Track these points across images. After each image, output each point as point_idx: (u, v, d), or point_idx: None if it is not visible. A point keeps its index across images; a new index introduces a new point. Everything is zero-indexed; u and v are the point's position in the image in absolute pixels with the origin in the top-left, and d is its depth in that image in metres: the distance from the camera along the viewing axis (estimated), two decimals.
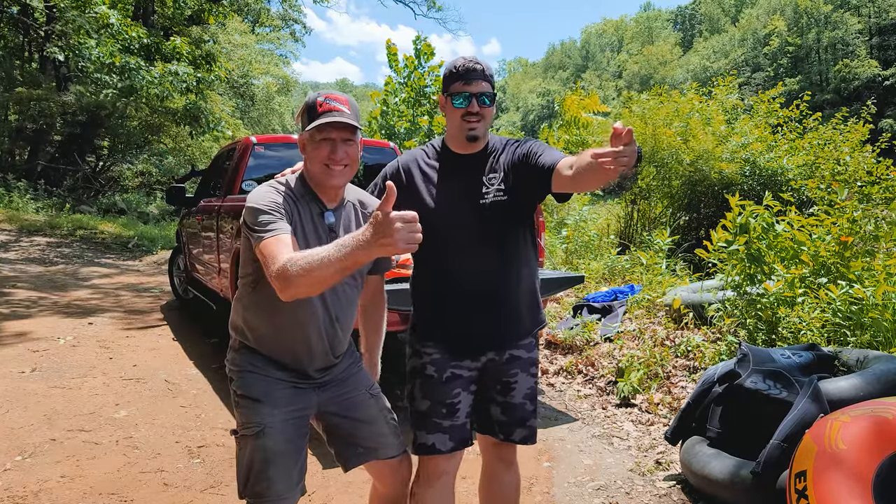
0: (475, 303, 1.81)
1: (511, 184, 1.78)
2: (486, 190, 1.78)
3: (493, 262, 1.80)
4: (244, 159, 4.82)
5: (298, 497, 1.69)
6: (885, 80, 43.95)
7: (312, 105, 1.63)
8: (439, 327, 1.85)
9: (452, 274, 1.81)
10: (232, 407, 3.96)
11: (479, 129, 1.76)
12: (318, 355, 1.72)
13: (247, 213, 1.58)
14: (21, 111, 15.94)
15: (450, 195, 1.79)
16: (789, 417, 2.36)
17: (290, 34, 29.68)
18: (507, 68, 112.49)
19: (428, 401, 1.81)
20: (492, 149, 1.83)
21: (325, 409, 1.77)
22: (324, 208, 1.69)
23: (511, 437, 1.87)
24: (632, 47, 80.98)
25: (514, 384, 1.86)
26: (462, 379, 1.83)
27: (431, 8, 22.70)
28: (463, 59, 1.77)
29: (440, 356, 1.83)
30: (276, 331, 1.68)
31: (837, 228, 4.25)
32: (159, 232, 13.35)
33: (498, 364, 1.86)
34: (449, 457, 1.81)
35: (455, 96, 1.74)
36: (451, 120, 1.79)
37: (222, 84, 18.04)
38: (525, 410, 1.88)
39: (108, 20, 10.16)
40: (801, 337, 3.67)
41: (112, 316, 6.27)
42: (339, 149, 1.62)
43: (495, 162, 1.81)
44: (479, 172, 1.80)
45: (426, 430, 1.80)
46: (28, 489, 2.71)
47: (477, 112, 1.74)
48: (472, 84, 1.72)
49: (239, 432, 1.68)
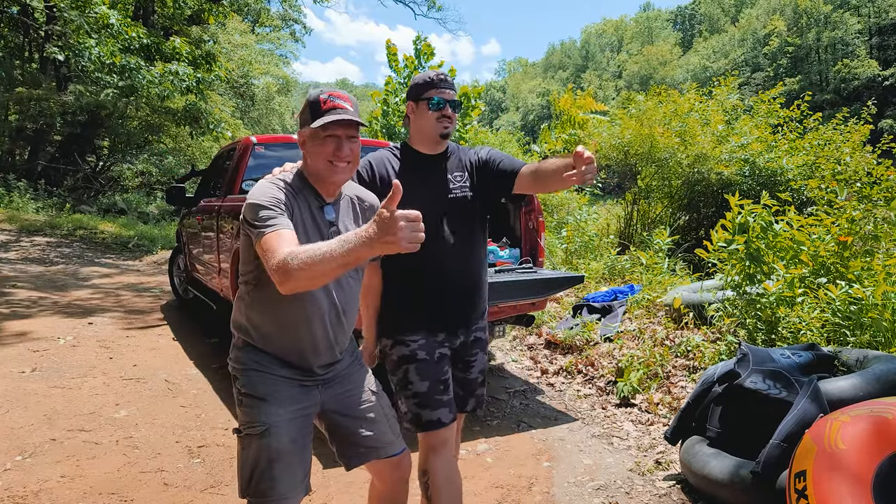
0: (450, 284, 2.04)
1: (475, 182, 2.07)
2: (452, 186, 2.04)
3: (463, 250, 2.05)
4: (244, 159, 4.82)
5: (303, 496, 1.69)
6: (884, 80, 43.96)
7: (316, 102, 1.65)
8: (420, 312, 2.03)
9: (428, 262, 1.97)
10: (232, 406, 3.95)
11: (450, 129, 2.02)
12: (323, 350, 1.72)
13: (247, 209, 1.58)
14: (21, 111, 15.95)
15: (420, 189, 1.94)
16: (789, 417, 2.36)
17: (290, 34, 29.69)
18: (507, 68, 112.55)
19: (427, 381, 1.98)
20: (451, 151, 2.11)
21: (327, 407, 1.77)
22: (323, 203, 1.71)
23: (465, 407, 2.15)
24: (632, 47, 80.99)
25: (474, 362, 2.15)
26: (447, 357, 2.06)
27: (431, 8, 22.69)
28: (434, 73, 2.03)
29: (425, 340, 2.01)
30: (281, 328, 1.68)
31: (837, 228, 4.26)
32: (159, 232, 13.35)
33: (465, 344, 2.12)
34: (450, 427, 2.01)
35: (431, 100, 1.99)
36: (423, 121, 2.02)
37: (222, 84, 18.04)
38: (476, 383, 2.16)
39: (108, 20, 10.15)
40: (800, 337, 3.67)
41: (112, 316, 6.28)
42: (345, 146, 1.65)
43: (458, 162, 2.09)
44: (444, 170, 2.06)
45: (431, 408, 1.97)
46: (28, 489, 2.71)
47: (450, 115, 2.01)
48: (445, 91, 2.00)
49: (243, 431, 1.67)
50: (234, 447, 3.19)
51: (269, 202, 1.56)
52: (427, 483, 1.97)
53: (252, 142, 4.89)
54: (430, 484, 1.96)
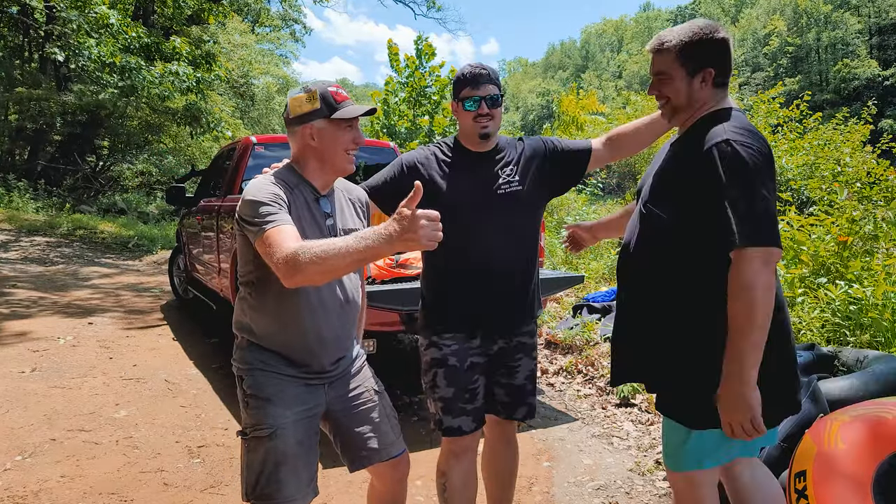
0: (493, 285, 1.95)
1: (527, 175, 1.98)
2: (501, 181, 1.95)
3: (509, 248, 1.96)
4: (244, 159, 4.82)
5: (310, 499, 1.67)
6: (884, 80, 43.97)
7: (326, 94, 1.67)
8: (458, 313, 1.97)
9: (471, 260, 1.93)
10: (232, 406, 3.95)
11: (490, 128, 1.92)
12: (329, 342, 1.71)
13: (244, 206, 1.57)
14: (21, 111, 15.95)
15: (466, 185, 1.94)
16: (788, 417, 2.36)
17: (290, 34, 29.68)
18: (507, 68, 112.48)
19: (452, 388, 1.96)
20: (502, 146, 2.01)
21: (332, 407, 1.76)
22: (318, 195, 1.73)
23: (514, 415, 2.06)
24: (632, 47, 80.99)
25: (518, 367, 2.04)
26: (480, 366, 2.00)
27: (431, 8, 22.68)
28: (470, 67, 1.94)
29: (458, 346, 1.97)
30: (285, 324, 1.67)
31: (837, 228, 4.26)
32: (159, 232, 13.35)
33: (506, 350, 2.02)
34: (472, 435, 2.00)
35: (466, 100, 1.91)
36: (463, 122, 1.95)
37: (222, 84, 18.03)
38: (525, 390, 2.06)
39: (107, 20, 10.15)
40: (800, 337, 3.67)
41: (112, 316, 6.28)
42: (359, 132, 1.71)
43: (508, 156, 2.00)
44: (492, 165, 1.98)
45: (452, 415, 1.96)
46: (28, 489, 2.71)
47: (487, 113, 1.90)
48: (480, 88, 1.90)
49: (248, 434, 1.65)
50: (234, 447, 3.20)
51: (268, 198, 1.56)
52: (444, 484, 2.02)
53: (252, 142, 4.89)
54: (448, 486, 2.02)
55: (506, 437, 2.15)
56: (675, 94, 1.64)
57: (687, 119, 1.67)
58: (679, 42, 1.61)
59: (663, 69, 1.65)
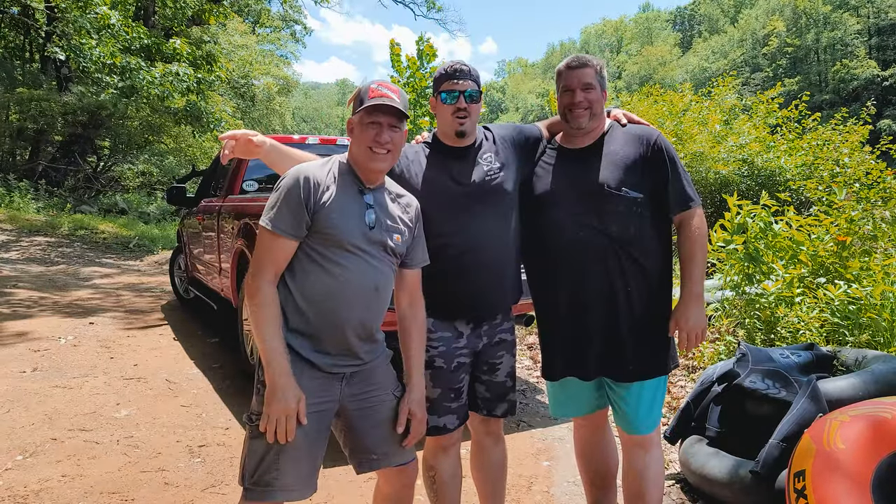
0: (475, 267, 1.98)
1: (503, 157, 2.04)
2: (480, 172, 1.99)
3: (492, 236, 1.99)
4: (245, 160, 4.82)
5: (308, 494, 1.67)
6: (883, 80, 43.99)
7: (365, 90, 1.71)
8: (442, 300, 1.99)
9: (453, 246, 1.96)
10: (232, 406, 3.95)
11: (466, 125, 1.95)
12: (357, 322, 1.69)
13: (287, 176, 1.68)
14: (22, 111, 15.92)
15: (445, 177, 1.98)
16: (788, 417, 2.37)
17: (290, 35, 29.67)
18: (506, 69, 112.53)
19: (439, 389, 2.00)
20: (479, 140, 2.05)
21: (345, 404, 1.74)
22: (363, 188, 1.76)
23: (493, 412, 2.11)
24: (631, 48, 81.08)
25: (500, 364, 2.10)
26: (465, 365, 2.04)
27: (431, 9, 22.64)
28: (451, 62, 1.98)
29: (445, 348, 2.00)
30: (314, 301, 1.67)
31: (836, 228, 4.26)
32: (160, 232, 13.35)
33: (488, 346, 2.07)
34: (457, 431, 2.05)
35: (444, 94, 1.93)
36: (442, 117, 1.98)
37: (223, 84, 18.04)
38: (505, 387, 2.12)
39: (108, 20, 10.17)
40: (799, 336, 3.68)
41: (113, 316, 6.28)
42: (385, 133, 1.70)
43: (485, 143, 2.05)
44: (472, 155, 2.02)
45: (437, 414, 1.99)
46: (29, 488, 2.72)
47: (465, 108, 1.92)
48: (460, 83, 1.92)
49: (255, 419, 1.65)
50: (235, 447, 3.20)
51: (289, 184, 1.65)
52: (433, 477, 2.09)
53: None
54: (437, 479, 2.09)
55: (493, 434, 2.18)
56: (597, 103, 1.99)
57: (596, 126, 2.04)
58: (598, 64, 2.02)
59: (590, 81, 1.98)
